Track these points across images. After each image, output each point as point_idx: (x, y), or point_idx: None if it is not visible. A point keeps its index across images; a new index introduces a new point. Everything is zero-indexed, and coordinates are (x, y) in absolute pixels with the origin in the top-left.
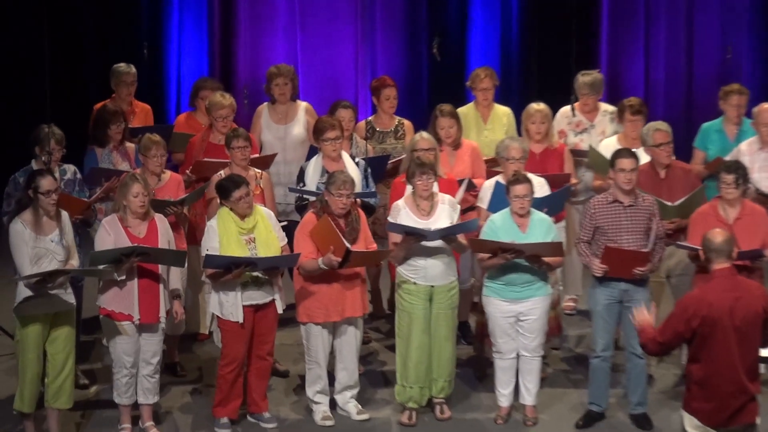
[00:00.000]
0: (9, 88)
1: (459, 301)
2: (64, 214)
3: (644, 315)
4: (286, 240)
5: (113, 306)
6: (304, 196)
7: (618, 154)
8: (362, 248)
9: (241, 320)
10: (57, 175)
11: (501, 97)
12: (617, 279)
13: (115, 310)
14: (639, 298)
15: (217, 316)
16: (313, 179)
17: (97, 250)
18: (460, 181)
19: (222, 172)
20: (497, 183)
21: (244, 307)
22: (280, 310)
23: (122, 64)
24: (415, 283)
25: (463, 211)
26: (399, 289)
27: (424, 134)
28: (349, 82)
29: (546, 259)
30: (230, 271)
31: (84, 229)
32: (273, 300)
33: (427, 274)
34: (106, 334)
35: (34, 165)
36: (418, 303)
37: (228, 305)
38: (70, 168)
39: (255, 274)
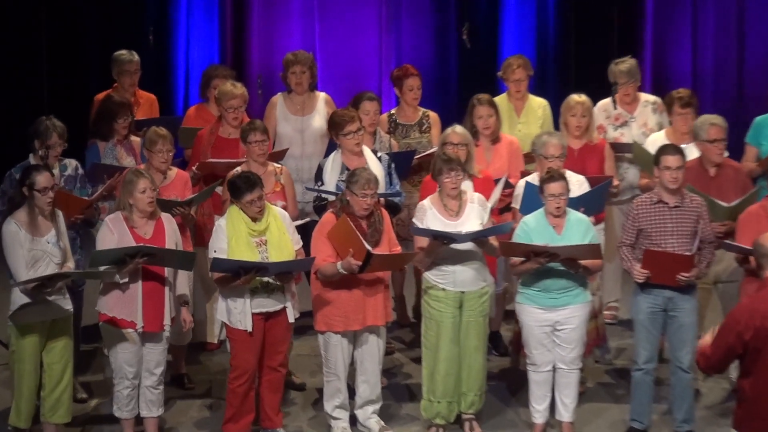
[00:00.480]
0: (2, 77)
1: (491, 309)
2: (59, 214)
3: (706, 340)
4: (302, 243)
5: (115, 312)
6: (323, 195)
7: (663, 150)
8: (385, 251)
9: (249, 329)
10: (57, 171)
11: (536, 89)
12: (661, 286)
13: (116, 316)
14: (685, 306)
15: (226, 325)
16: (332, 177)
17: (99, 249)
18: (497, 180)
19: (239, 168)
20: (527, 183)
21: (254, 314)
22: (291, 319)
23: (124, 52)
24: (443, 289)
25: (500, 212)
26: (425, 296)
27: (458, 128)
28: (371, 71)
29: (584, 262)
30: (239, 275)
31: (86, 230)
32: (284, 307)
33: (456, 279)
34: (107, 342)
35: (32, 160)
36: (446, 310)
37: (236, 312)
38: (72, 163)
39: (266, 279)
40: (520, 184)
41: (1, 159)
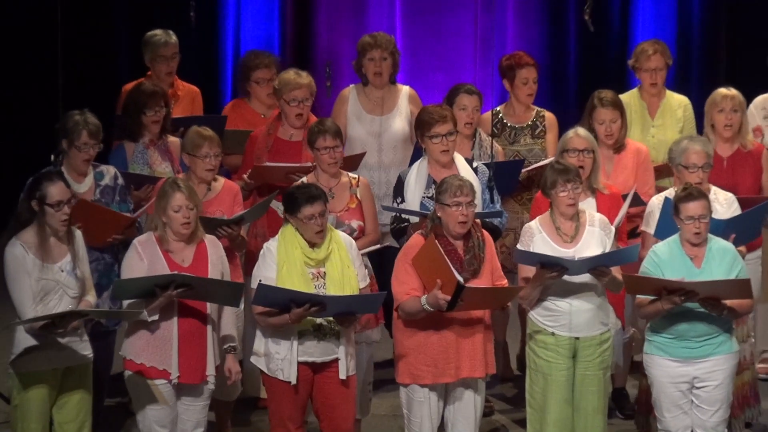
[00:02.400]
0: (13, 63)
1: (614, 360)
2: (78, 235)
3: None
4: (368, 281)
5: (143, 358)
6: (403, 216)
7: None
8: (487, 284)
9: (293, 380)
10: (90, 179)
11: (675, 84)
12: None
13: (145, 363)
14: None
15: (262, 373)
16: (415, 192)
17: (124, 278)
18: (624, 197)
19: (305, 179)
20: (667, 200)
21: (300, 364)
22: (342, 375)
23: (159, 32)
24: (553, 334)
25: (628, 236)
26: (531, 342)
27: (581, 130)
28: (465, 61)
29: (730, 302)
30: (288, 310)
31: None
32: (336, 360)
33: (570, 322)
34: (133, 396)
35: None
36: (557, 361)
37: (278, 359)
38: (110, 170)
39: (318, 320)
40: (654, 202)
41: (16, 164)
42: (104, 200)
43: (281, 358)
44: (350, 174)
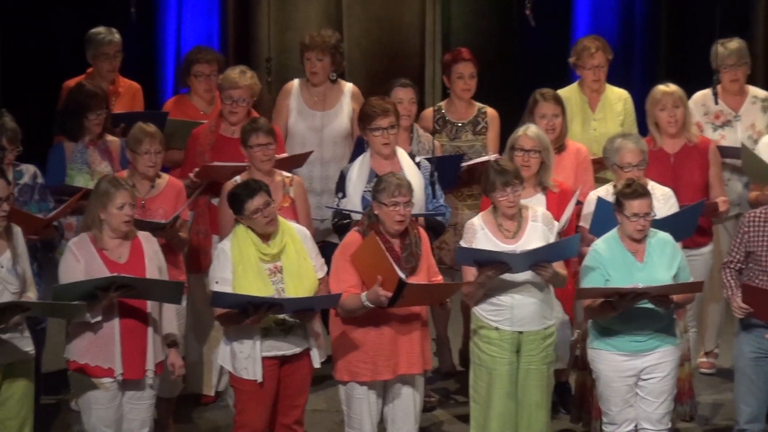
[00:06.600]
0: None
1: (558, 354)
2: (17, 231)
3: None
4: (326, 269)
5: (87, 358)
6: (344, 212)
7: None
8: (423, 280)
9: (259, 378)
10: (10, 177)
11: (616, 79)
12: None
13: (89, 363)
14: None
15: (229, 372)
16: (357, 186)
17: (63, 282)
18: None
19: (237, 178)
20: (600, 199)
21: (266, 359)
22: (316, 364)
23: (102, 30)
24: (497, 329)
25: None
26: (475, 337)
27: (532, 129)
28: (411, 54)
29: (676, 297)
30: (247, 313)
31: (45, 255)
32: (306, 350)
33: (513, 316)
34: (77, 395)
35: None
36: (500, 356)
37: (242, 358)
38: (29, 169)
39: (281, 316)
40: (591, 199)
41: None
42: (22, 199)
43: (245, 356)
44: (284, 173)
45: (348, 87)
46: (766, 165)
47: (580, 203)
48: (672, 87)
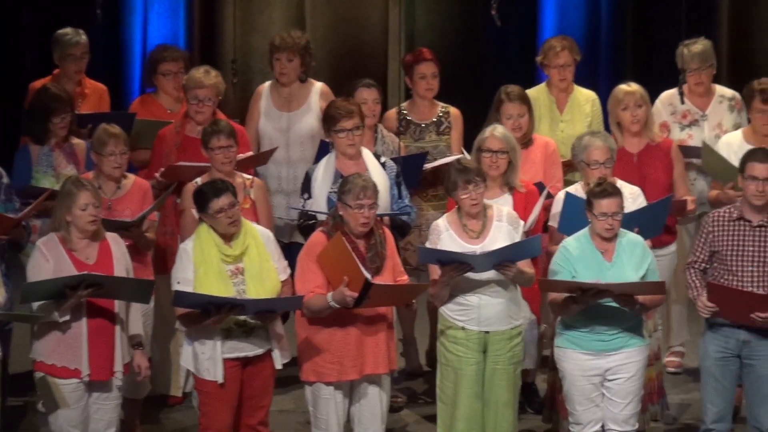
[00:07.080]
0: None
1: (525, 354)
2: None
3: None
4: (289, 271)
5: (54, 359)
6: (310, 213)
7: (750, 155)
8: (389, 281)
9: (220, 379)
10: None
11: (584, 79)
12: (735, 325)
13: (56, 364)
14: (764, 353)
15: (192, 373)
16: (322, 187)
17: (31, 281)
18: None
19: (198, 180)
20: (568, 194)
21: (228, 360)
22: (278, 366)
23: (69, 31)
24: (463, 328)
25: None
26: (442, 337)
27: (499, 129)
28: (375, 53)
29: (642, 298)
30: (209, 314)
31: (13, 255)
32: (268, 352)
33: (479, 316)
34: (43, 396)
35: None
36: (467, 355)
37: (204, 359)
38: None
39: (242, 317)
40: (560, 197)
41: None
42: None
43: (207, 357)
44: (244, 175)
45: (317, 86)
46: (727, 163)
47: (551, 196)
48: (634, 86)
